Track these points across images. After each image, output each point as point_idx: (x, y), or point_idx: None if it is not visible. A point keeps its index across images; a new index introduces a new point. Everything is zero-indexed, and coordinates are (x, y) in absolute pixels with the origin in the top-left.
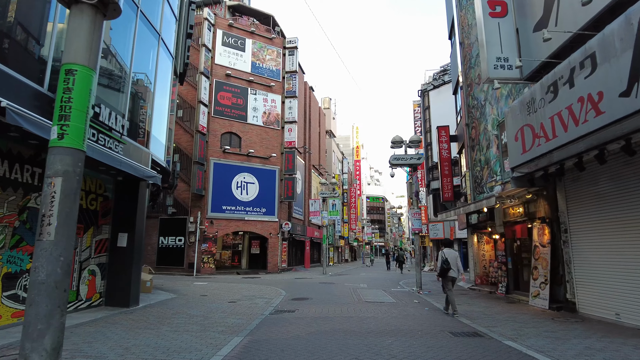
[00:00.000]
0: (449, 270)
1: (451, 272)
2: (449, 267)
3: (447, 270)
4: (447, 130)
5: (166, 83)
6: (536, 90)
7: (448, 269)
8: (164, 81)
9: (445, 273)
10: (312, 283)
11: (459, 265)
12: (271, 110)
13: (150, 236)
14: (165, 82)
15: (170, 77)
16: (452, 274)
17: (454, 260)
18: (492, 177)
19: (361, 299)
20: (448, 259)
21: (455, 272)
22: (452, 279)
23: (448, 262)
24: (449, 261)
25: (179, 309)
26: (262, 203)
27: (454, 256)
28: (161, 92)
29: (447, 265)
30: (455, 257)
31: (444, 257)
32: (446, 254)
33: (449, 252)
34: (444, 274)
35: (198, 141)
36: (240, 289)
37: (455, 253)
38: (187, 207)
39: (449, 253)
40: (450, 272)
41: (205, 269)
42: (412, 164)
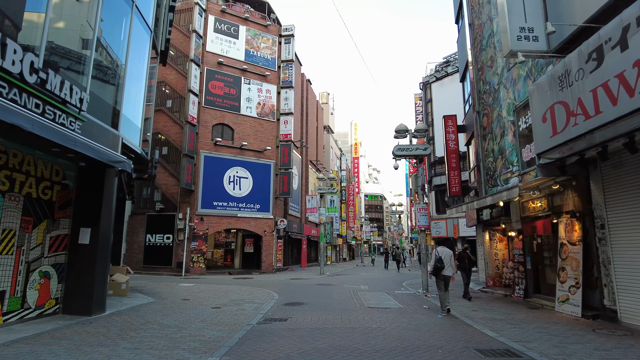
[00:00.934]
0: (442, 269)
1: (445, 271)
2: (443, 265)
3: (440, 269)
4: (454, 120)
5: (142, 60)
6: (572, 60)
7: (442, 267)
8: (139, 57)
9: (438, 272)
10: (308, 284)
11: (453, 264)
12: (266, 101)
13: (136, 233)
14: (141, 58)
15: (147, 54)
16: (446, 272)
17: (448, 258)
18: (507, 168)
19: (363, 304)
20: (442, 257)
21: (449, 271)
22: (445, 277)
23: (442, 260)
24: (442, 260)
25: (152, 316)
26: (256, 199)
27: (448, 255)
28: (136, 68)
29: (441, 264)
30: (449, 255)
31: (438, 256)
32: (440, 252)
33: (443, 251)
34: (438, 272)
35: (187, 132)
36: (228, 291)
37: (449, 252)
38: (176, 203)
39: (442, 251)
40: (443, 270)
41: (195, 269)
42: (418, 155)
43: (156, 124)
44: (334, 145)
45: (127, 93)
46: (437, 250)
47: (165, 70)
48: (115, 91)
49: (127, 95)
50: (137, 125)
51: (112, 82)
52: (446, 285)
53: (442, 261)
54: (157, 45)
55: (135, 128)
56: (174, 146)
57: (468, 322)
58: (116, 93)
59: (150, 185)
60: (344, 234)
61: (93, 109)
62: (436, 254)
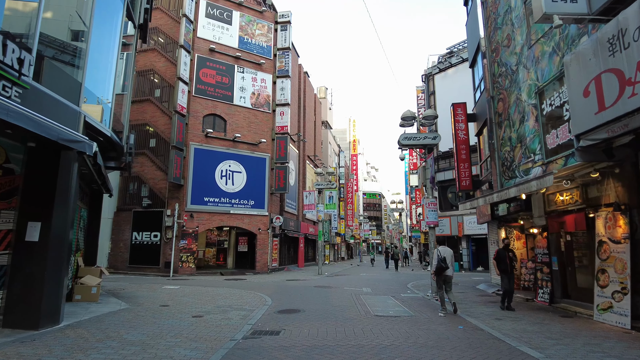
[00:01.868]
0: (446, 269)
1: (447, 271)
2: (447, 265)
3: (444, 269)
4: (464, 108)
5: (113, 29)
6: (629, 18)
7: (446, 267)
8: (109, 25)
9: (441, 271)
10: (305, 286)
11: (452, 262)
12: (261, 91)
13: (122, 231)
14: (112, 27)
15: (120, 23)
16: (448, 272)
17: (450, 258)
18: (527, 157)
19: (369, 311)
20: (445, 257)
21: (450, 271)
22: (446, 277)
23: (445, 260)
24: (446, 259)
25: (116, 330)
26: (250, 195)
27: (450, 254)
28: (105, 38)
29: (445, 264)
30: (451, 255)
31: (442, 256)
32: (442, 252)
33: (445, 250)
34: (440, 272)
35: (176, 123)
36: (216, 295)
37: (450, 251)
38: (164, 199)
39: (445, 251)
40: (447, 270)
41: (184, 269)
42: (427, 145)
43: (144, 114)
44: (332, 141)
45: (93, 64)
46: (438, 249)
47: (153, 58)
48: (76, 59)
49: (93, 67)
50: (106, 104)
51: (71, 48)
52: (446, 284)
53: (445, 261)
54: (133, 16)
55: (105, 107)
56: (162, 138)
57: (498, 335)
58: (78, 62)
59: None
60: (342, 232)
61: (47, 80)
62: (438, 253)
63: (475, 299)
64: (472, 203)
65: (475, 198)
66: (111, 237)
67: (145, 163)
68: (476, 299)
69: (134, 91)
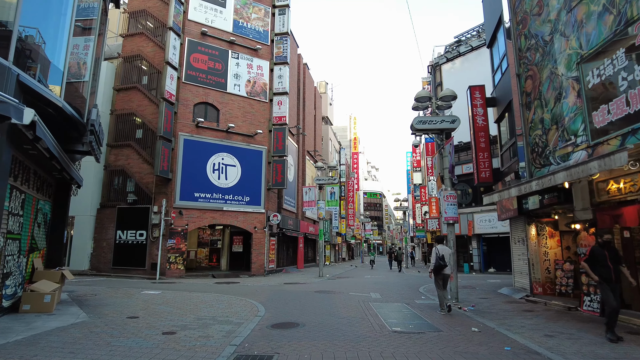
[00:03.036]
0: (444, 267)
1: (446, 270)
2: (445, 264)
3: (442, 267)
4: (482, 91)
5: None
6: None
7: (444, 265)
8: None
9: (440, 270)
10: (305, 291)
11: (452, 261)
12: (257, 79)
13: (105, 230)
14: None
15: None
16: (447, 271)
17: (448, 257)
18: (565, 140)
19: (384, 325)
20: (444, 255)
21: (449, 269)
22: (444, 276)
23: (444, 258)
24: (445, 258)
25: (47, 356)
26: (245, 190)
27: (448, 253)
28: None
29: (443, 262)
30: (449, 253)
31: (440, 254)
32: (441, 250)
33: (444, 249)
34: (439, 271)
35: (164, 111)
36: (201, 302)
37: (449, 250)
38: (151, 194)
39: (443, 249)
40: (445, 269)
41: (172, 271)
42: (444, 129)
43: (130, 103)
44: (333, 138)
45: (30, 8)
46: (437, 248)
47: (141, 43)
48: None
49: (30, 13)
50: (58, 68)
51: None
52: (444, 283)
53: (444, 259)
54: None
55: (56, 71)
56: (149, 129)
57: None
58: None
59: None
60: (343, 232)
61: None
62: (437, 252)
63: (505, 307)
64: (502, 194)
65: (506, 188)
66: (94, 236)
67: (131, 155)
68: (506, 307)
69: (118, 78)
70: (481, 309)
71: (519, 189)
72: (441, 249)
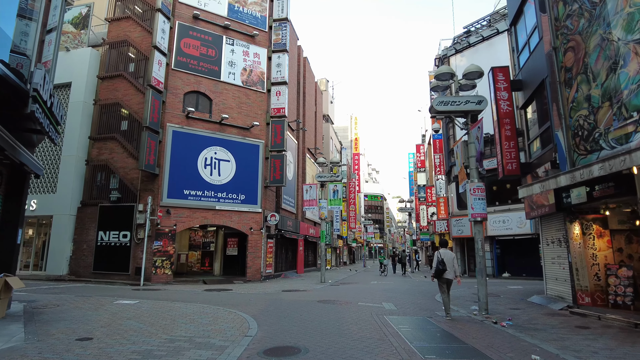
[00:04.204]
0: (444, 272)
1: (446, 274)
2: (445, 268)
3: (442, 272)
4: (507, 73)
5: None
6: None
7: (444, 270)
8: None
9: (440, 274)
10: (307, 301)
11: (456, 266)
12: (253, 67)
13: (86, 230)
14: None
15: None
16: (448, 275)
17: (450, 261)
18: (622, 118)
19: (412, 351)
20: (444, 259)
21: (451, 274)
22: (447, 280)
23: (444, 263)
24: (444, 262)
25: None
26: (240, 188)
27: (450, 257)
28: None
29: (442, 267)
30: (451, 258)
31: (440, 258)
32: (442, 254)
33: (445, 253)
34: (439, 275)
35: (150, 99)
36: (180, 316)
37: (452, 254)
38: (136, 191)
39: (445, 254)
40: (445, 273)
41: (159, 277)
42: (469, 111)
43: (115, 92)
44: (334, 137)
45: None
46: (439, 252)
47: (128, 28)
48: None
49: None
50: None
51: None
52: (448, 288)
53: (443, 263)
54: None
55: None
56: (136, 120)
57: None
58: None
59: (35, 131)
60: (344, 235)
61: None
62: (438, 256)
63: (549, 322)
64: (544, 184)
65: (553, 176)
66: (73, 238)
67: (115, 149)
68: (550, 322)
69: (103, 67)
70: (520, 323)
71: (572, 176)
72: (443, 253)
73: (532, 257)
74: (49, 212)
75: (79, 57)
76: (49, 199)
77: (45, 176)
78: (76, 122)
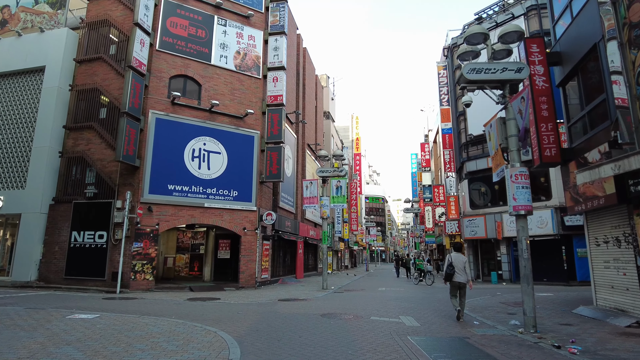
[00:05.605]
0: (453, 275)
1: (457, 277)
2: (454, 271)
3: (452, 275)
4: (542, 44)
5: None
6: None
7: (452, 273)
8: None
9: (450, 277)
10: (307, 315)
11: (467, 270)
12: (248, 51)
13: (58, 230)
14: None
15: None
16: (458, 278)
17: (461, 264)
18: None
19: None
20: (454, 263)
21: (462, 277)
22: (458, 284)
23: (453, 266)
24: (453, 265)
25: None
26: (232, 183)
27: (461, 261)
28: None
29: (451, 270)
30: (463, 261)
31: (450, 261)
32: (453, 258)
33: (456, 257)
34: (449, 278)
35: (131, 82)
36: (140, 339)
37: (463, 258)
38: (115, 186)
39: (456, 257)
40: (455, 276)
41: (139, 283)
42: (508, 80)
43: (93, 77)
44: (335, 134)
45: None
46: (450, 256)
47: (108, 6)
48: None
49: None
50: None
51: None
52: (460, 292)
53: (452, 267)
54: None
55: None
56: (116, 107)
57: None
58: None
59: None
60: (346, 237)
61: None
62: (449, 259)
63: (626, 345)
64: (619, 164)
65: (629, 154)
66: (44, 239)
67: (92, 139)
68: (627, 345)
69: (81, 49)
70: (590, 347)
71: None
72: (454, 257)
73: (553, 259)
74: (17, 209)
75: (54, 39)
76: (17, 195)
77: (14, 169)
78: (49, 110)
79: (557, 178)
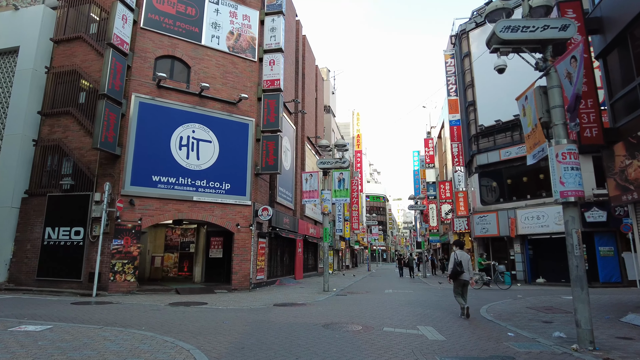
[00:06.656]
0: (461, 273)
1: (464, 275)
2: (462, 269)
3: (459, 273)
4: (579, 8)
5: None
6: None
7: (461, 271)
8: None
9: (457, 275)
10: (306, 326)
11: (470, 268)
12: (242, 31)
13: (31, 227)
14: None
15: None
16: (464, 276)
17: (466, 262)
18: None
19: None
20: (462, 261)
21: (467, 275)
22: (464, 282)
23: (461, 264)
24: (462, 263)
25: None
26: (224, 175)
27: (466, 258)
28: None
29: (460, 268)
30: (467, 259)
31: (458, 260)
32: (459, 255)
33: (462, 254)
34: (456, 276)
35: (111, 61)
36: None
37: (467, 256)
38: (93, 177)
39: (461, 255)
40: (462, 275)
41: (119, 285)
42: (550, 40)
43: (72, 58)
44: (336, 129)
45: None
46: (455, 253)
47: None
48: None
49: None
50: None
51: None
52: (464, 289)
53: (461, 265)
54: None
55: None
56: (97, 91)
57: None
58: None
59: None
60: (347, 236)
61: None
62: (455, 257)
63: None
64: None
65: None
66: (15, 236)
67: (70, 126)
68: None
69: (60, 28)
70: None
71: None
72: (460, 255)
73: None
74: None
75: (29, 17)
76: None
77: None
78: (23, 94)
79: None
